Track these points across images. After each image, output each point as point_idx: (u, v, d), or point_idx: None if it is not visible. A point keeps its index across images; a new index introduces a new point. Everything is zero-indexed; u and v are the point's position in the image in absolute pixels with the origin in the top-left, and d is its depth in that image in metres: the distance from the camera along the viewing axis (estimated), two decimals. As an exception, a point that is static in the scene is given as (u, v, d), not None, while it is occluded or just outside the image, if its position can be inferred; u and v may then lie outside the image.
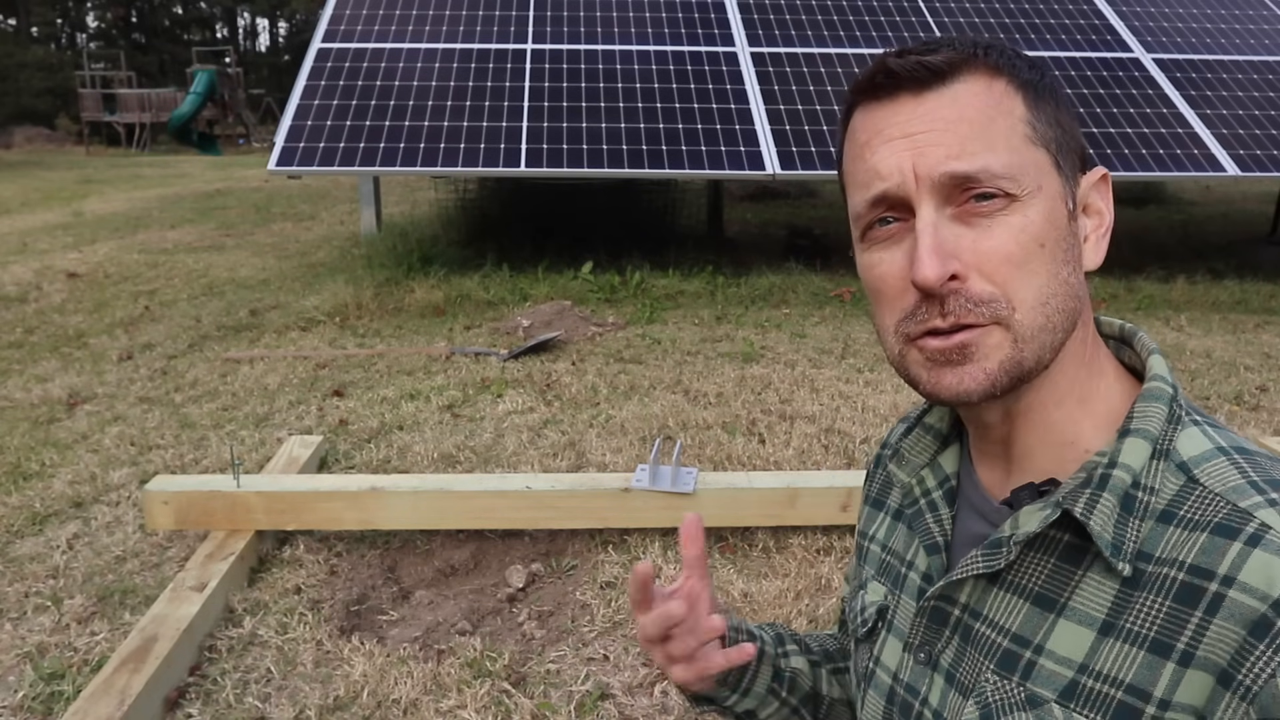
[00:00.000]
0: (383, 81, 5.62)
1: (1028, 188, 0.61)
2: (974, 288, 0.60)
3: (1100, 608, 0.61)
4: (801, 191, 9.74)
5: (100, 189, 11.58)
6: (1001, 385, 0.61)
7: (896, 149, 0.62)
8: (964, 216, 0.61)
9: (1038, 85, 0.64)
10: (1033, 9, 6.52)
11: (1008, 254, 0.60)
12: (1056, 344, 0.62)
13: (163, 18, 42.79)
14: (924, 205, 0.61)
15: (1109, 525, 0.60)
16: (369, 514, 2.32)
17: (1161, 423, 0.63)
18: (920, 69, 0.62)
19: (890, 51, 0.65)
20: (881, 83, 0.64)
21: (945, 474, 0.77)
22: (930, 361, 0.63)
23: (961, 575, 0.67)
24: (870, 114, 0.65)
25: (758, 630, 0.92)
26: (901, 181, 0.61)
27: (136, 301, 5.39)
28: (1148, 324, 4.72)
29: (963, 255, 0.60)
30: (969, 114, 0.61)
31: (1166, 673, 0.56)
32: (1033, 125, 0.62)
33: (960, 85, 0.62)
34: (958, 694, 0.69)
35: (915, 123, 0.62)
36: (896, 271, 0.63)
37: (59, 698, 1.84)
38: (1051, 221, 0.62)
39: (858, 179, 0.65)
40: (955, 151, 0.60)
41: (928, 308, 0.61)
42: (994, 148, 0.60)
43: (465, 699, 1.82)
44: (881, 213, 0.64)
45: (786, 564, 2.30)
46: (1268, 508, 0.56)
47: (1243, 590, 0.54)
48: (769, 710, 0.91)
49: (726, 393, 3.48)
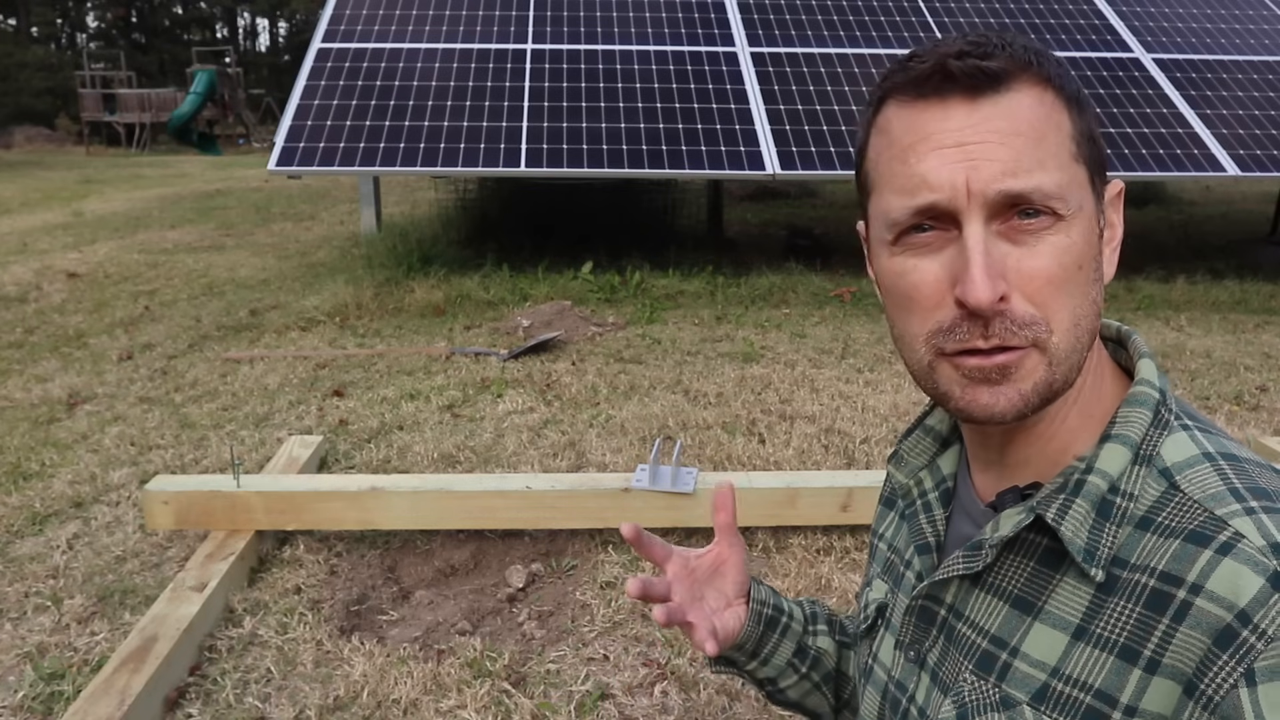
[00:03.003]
0: (383, 81, 5.62)
1: (1073, 207, 0.59)
2: (1017, 309, 0.59)
3: (1074, 612, 0.60)
4: (801, 191, 9.74)
5: (100, 189, 11.58)
6: (1033, 406, 0.61)
7: (948, 159, 0.59)
8: (1010, 233, 0.59)
9: (1079, 98, 0.62)
10: (1033, 9, 6.52)
11: (1050, 275, 0.59)
12: (1081, 364, 0.62)
13: (163, 18, 42.78)
14: (974, 221, 0.59)
15: (1081, 531, 0.60)
16: (369, 514, 2.32)
17: (1144, 428, 0.62)
18: (979, 74, 0.59)
19: (941, 48, 0.61)
20: (933, 82, 0.60)
21: (942, 475, 0.77)
22: (966, 379, 0.61)
23: (944, 576, 0.68)
24: (914, 113, 0.61)
25: (788, 605, 0.93)
26: (953, 195, 0.59)
27: (136, 301, 5.39)
28: (1148, 324, 4.72)
29: (1008, 275, 0.59)
30: (1024, 127, 0.59)
31: (1133, 679, 0.56)
32: (1077, 142, 0.61)
33: (1015, 95, 0.60)
34: (939, 692, 0.70)
35: (969, 131, 0.59)
36: (932, 281, 0.61)
37: (59, 698, 1.84)
38: (1089, 242, 0.61)
39: (897, 182, 0.62)
40: (1011, 168, 0.58)
41: (969, 326, 0.60)
42: (1046, 165, 0.58)
43: (465, 699, 1.82)
44: (922, 220, 0.61)
45: (786, 564, 2.30)
46: (1244, 516, 0.55)
47: (1209, 599, 0.53)
48: (789, 682, 0.92)
49: (726, 393, 3.48)
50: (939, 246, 0.61)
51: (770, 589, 0.92)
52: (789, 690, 0.93)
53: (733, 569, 0.87)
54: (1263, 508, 0.55)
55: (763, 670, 0.91)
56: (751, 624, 0.87)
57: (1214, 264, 5.98)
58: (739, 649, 0.89)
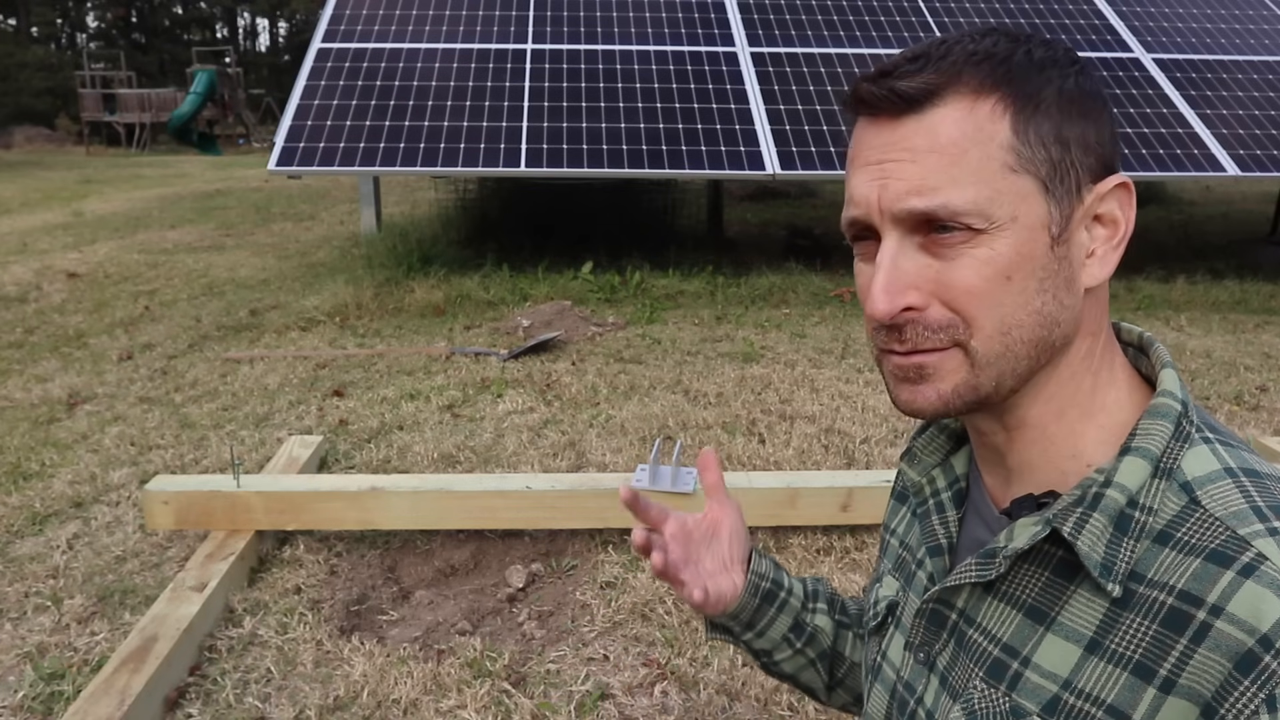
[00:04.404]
0: (383, 81, 5.62)
1: (997, 220, 0.59)
2: (932, 315, 0.61)
3: (1089, 625, 0.60)
4: (801, 191, 9.74)
5: (100, 189, 11.58)
6: (955, 407, 0.63)
7: (867, 176, 0.62)
8: (930, 246, 0.61)
9: (1038, 98, 0.60)
10: (1033, 9, 6.53)
11: (969, 287, 0.60)
12: (1021, 370, 0.62)
13: (163, 18, 42.79)
14: (887, 237, 0.62)
15: (1098, 545, 0.60)
16: (369, 514, 2.32)
17: (1165, 441, 0.61)
18: (893, 97, 0.61)
19: (870, 72, 0.63)
20: (860, 100, 0.64)
21: (955, 475, 0.77)
22: (893, 376, 0.65)
23: (956, 582, 0.67)
24: (858, 128, 0.65)
25: (789, 580, 0.94)
26: (868, 211, 0.62)
27: (136, 301, 5.39)
28: (1148, 324, 4.72)
29: (924, 285, 0.61)
30: (940, 143, 0.59)
31: (1147, 697, 0.56)
32: (1016, 151, 0.59)
33: (938, 111, 0.60)
34: (948, 697, 0.69)
35: (887, 150, 0.61)
36: (866, 285, 0.64)
37: (59, 698, 1.84)
38: (1022, 253, 0.60)
39: (847, 192, 0.66)
40: (917, 186, 0.59)
41: (887, 332, 0.63)
42: (959, 181, 0.59)
43: (465, 699, 1.82)
44: (856, 230, 0.65)
45: (786, 564, 2.30)
46: (1267, 537, 0.54)
47: (1230, 621, 0.53)
48: (783, 655, 0.93)
49: (726, 393, 3.49)
50: (874, 254, 0.64)
51: (773, 562, 0.93)
52: (783, 663, 0.94)
53: (728, 531, 0.90)
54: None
55: (758, 642, 0.92)
56: (748, 595, 0.89)
57: (1214, 264, 5.98)
58: (734, 618, 0.90)
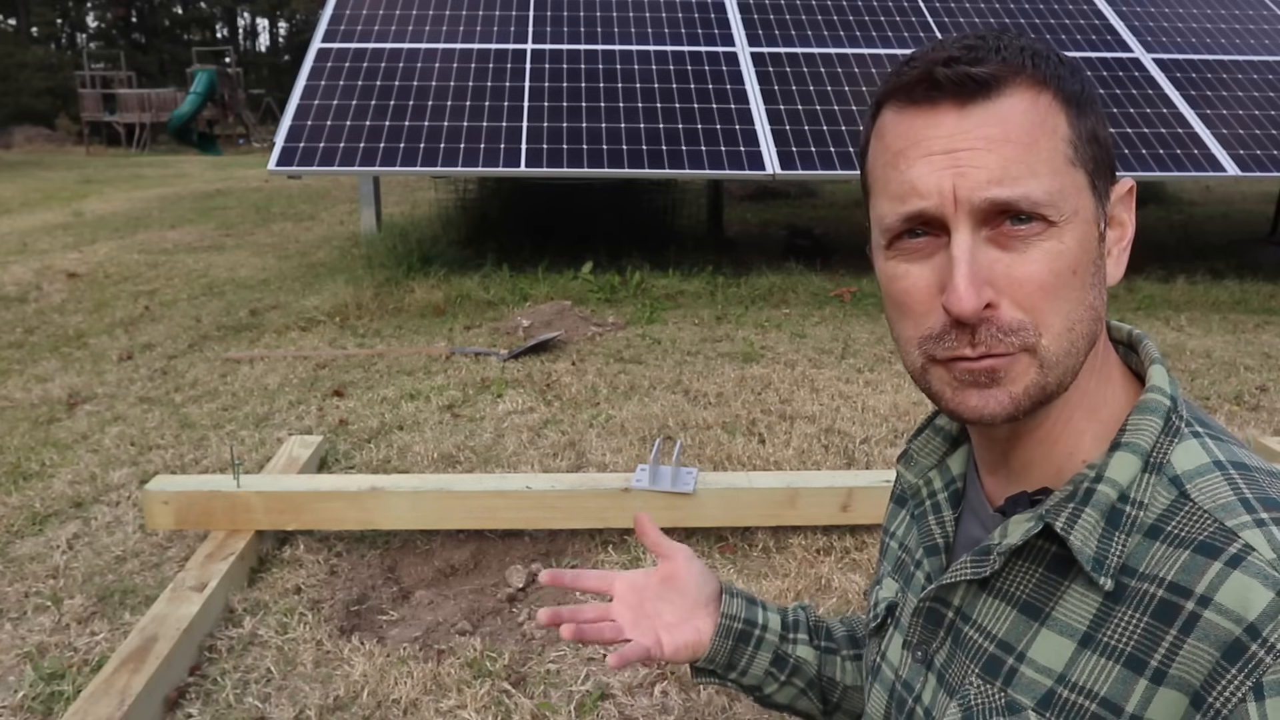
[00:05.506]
0: (383, 81, 5.62)
1: (1065, 213, 0.59)
2: (1005, 316, 0.59)
3: (1082, 620, 0.61)
4: (801, 191, 9.74)
5: (100, 189, 11.58)
6: (1024, 409, 0.61)
7: (936, 165, 0.59)
8: (999, 239, 0.59)
9: (1080, 98, 0.61)
10: (1033, 9, 6.53)
11: (1041, 282, 0.58)
12: (1077, 367, 0.62)
13: (163, 18, 42.78)
14: (961, 229, 0.59)
15: (1091, 540, 0.60)
16: (369, 514, 2.32)
17: (1154, 436, 0.62)
18: (967, 80, 0.59)
19: (932, 53, 0.61)
20: (922, 88, 0.61)
21: (952, 476, 0.77)
22: (957, 381, 0.62)
23: (951, 580, 0.68)
24: (906, 119, 0.62)
25: (764, 615, 0.93)
26: (940, 202, 0.59)
27: (136, 301, 5.39)
28: (1148, 324, 4.72)
29: (997, 281, 0.59)
30: (1014, 133, 0.58)
31: (1139, 689, 0.56)
32: (1074, 145, 0.60)
33: (1006, 100, 0.59)
34: (945, 694, 0.70)
35: (958, 139, 0.59)
36: (924, 287, 0.61)
37: (59, 698, 1.84)
38: (1084, 247, 0.60)
39: (890, 188, 0.62)
40: (998, 175, 0.58)
41: (957, 335, 0.60)
42: (1036, 172, 0.58)
43: (465, 699, 1.82)
44: (913, 226, 0.62)
45: (786, 564, 2.30)
46: (1254, 528, 0.55)
47: (1218, 611, 0.53)
48: (772, 689, 0.94)
49: (726, 393, 3.49)
50: (930, 252, 0.61)
51: (745, 600, 0.93)
52: (775, 695, 0.94)
53: (685, 579, 0.91)
54: (1273, 519, 0.55)
55: (744, 680, 0.93)
56: (720, 639, 0.89)
57: (1214, 264, 5.98)
58: (711, 661, 0.90)
